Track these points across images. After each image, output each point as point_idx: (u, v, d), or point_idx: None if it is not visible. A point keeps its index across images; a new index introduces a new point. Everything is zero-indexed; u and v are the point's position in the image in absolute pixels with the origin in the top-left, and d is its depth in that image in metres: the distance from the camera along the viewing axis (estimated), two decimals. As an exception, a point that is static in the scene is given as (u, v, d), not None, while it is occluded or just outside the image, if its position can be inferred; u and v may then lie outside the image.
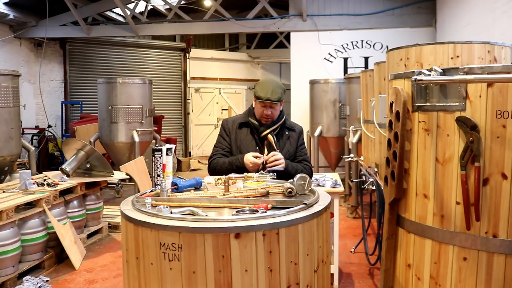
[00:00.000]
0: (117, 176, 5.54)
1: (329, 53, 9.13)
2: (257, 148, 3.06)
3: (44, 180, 4.81)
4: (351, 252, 4.81)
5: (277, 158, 2.90)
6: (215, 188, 2.51)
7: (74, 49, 10.99)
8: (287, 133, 3.14)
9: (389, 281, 2.42)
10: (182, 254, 1.87)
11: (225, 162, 3.01)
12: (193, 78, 13.21)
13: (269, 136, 3.06)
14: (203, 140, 13.85)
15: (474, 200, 1.94)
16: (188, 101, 12.95)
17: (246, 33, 14.02)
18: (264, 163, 2.92)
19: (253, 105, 3.15)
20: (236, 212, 2.06)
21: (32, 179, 4.60)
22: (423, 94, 2.11)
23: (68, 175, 5.02)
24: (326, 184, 4.02)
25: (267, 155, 2.98)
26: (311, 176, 3.03)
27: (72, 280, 4.18)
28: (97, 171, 5.26)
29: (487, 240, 1.95)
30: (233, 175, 2.59)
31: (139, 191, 3.67)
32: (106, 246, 5.16)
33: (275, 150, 3.01)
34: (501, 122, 1.89)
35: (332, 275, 3.74)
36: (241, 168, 2.88)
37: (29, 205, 4.24)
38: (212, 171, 3.06)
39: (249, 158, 2.89)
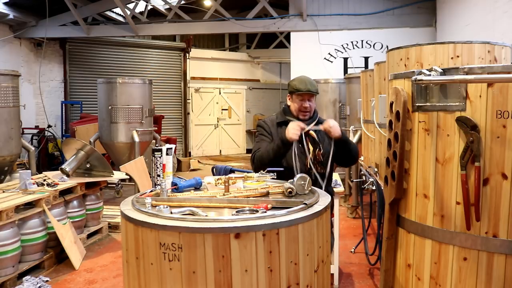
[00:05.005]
0: (117, 176, 5.53)
1: (329, 53, 9.12)
2: (300, 145, 3.06)
3: (44, 180, 4.80)
4: (351, 252, 4.80)
5: (332, 125, 2.97)
6: (215, 188, 2.51)
7: (74, 49, 10.99)
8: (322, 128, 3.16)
9: (389, 281, 2.42)
10: (182, 254, 1.87)
11: (267, 146, 3.06)
12: (193, 78, 13.21)
13: (311, 132, 3.09)
14: (203, 140, 13.85)
15: (474, 200, 1.94)
16: (188, 101, 12.95)
17: (246, 33, 14.02)
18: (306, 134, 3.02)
19: (288, 103, 3.20)
20: (236, 212, 2.06)
21: (32, 179, 4.59)
22: (423, 94, 2.11)
23: (68, 175, 5.02)
24: (326, 184, 4.01)
25: (311, 152, 3.03)
26: (358, 154, 3.25)
27: (72, 280, 4.18)
28: (97, 171, 5.26)
29: (487, 240, 1.95)
30: (233, 175, 2.59)
31: (139, 191, 3.67)
32: (106, 246, 5.16)
33: (318, 145, 3.06)
34: (501, 122, 1.89)
35: (332, 275, 3.74)
36: (284, 144, 2.93)
37: (29, 205, 4.24)
38: (259, 160, 3.06)
39: (290, 125, 2.94)
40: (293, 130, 2.90)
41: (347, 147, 3.14)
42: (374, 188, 3.82)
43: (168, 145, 2.61)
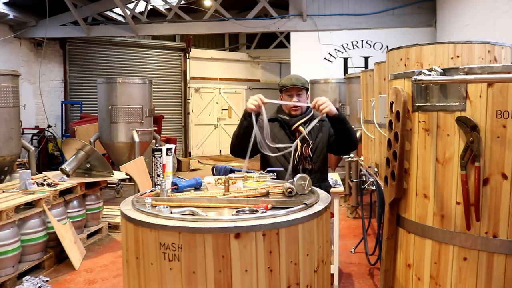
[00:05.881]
0: (117, 176, 5.53)
1: (329, 53, 9.13)
2: (290, 141, 3.03)
3: (44, 180, 4.81)
4: (351, 252, 4.80)
5: (321, 103, 2.86)
6: (215, 188, 2.51)
7: (74, 49, 10.99)
8: (317, 124, 3.09)
9: (389, 281, 2.42)
10: (182, 254, 1.87)
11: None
12: (193, 78, 13.21)
13: (300, 127, 3.07)
14: (203, 140, 13.85)
15: (474, 200, 1.93)
16: (188, 101, 12.95)
17: (246, 33, 14.02)
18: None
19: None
20: (236, 212, 2.06)
21: (32, 179, 4.59)
22: (423, 94, 2.11)
23: (68, 175, 5.02)
24: (326, 184, 4.01)
25: (300, 147, 2.99)
26: (357, 141, 3.15)
27: (72, 280, 4.18)
28: (97, 171, 5.26)
29: (487, 240, 1.94)
30: (233, 175, 2.59)
31: (139, 191, 3.66)
32: (106, 246, 5.16)
33: (307, 141, 3.02)
34: (501, 122, 1.89)
35: (332, 275, 3.74)
36: (244, 117, 2.94)
37: (29, 205, 4.24)
38: (232, 145, 3.20)
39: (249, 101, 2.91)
40: (252, 100, 2.86)
41: (344, 126, 2.98)
42: (374, 188, 3.82)
43: (168, 145, 2.61)
